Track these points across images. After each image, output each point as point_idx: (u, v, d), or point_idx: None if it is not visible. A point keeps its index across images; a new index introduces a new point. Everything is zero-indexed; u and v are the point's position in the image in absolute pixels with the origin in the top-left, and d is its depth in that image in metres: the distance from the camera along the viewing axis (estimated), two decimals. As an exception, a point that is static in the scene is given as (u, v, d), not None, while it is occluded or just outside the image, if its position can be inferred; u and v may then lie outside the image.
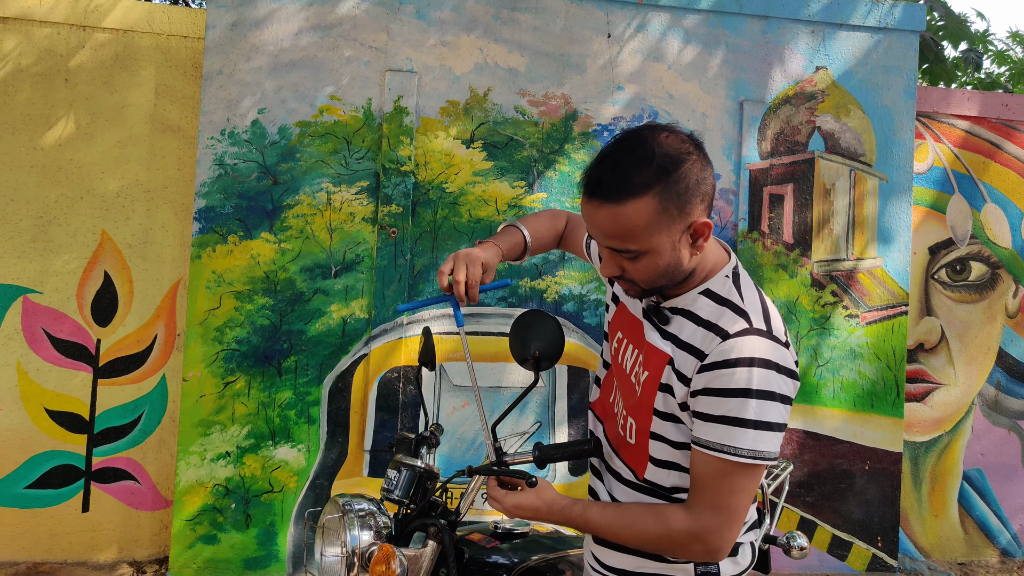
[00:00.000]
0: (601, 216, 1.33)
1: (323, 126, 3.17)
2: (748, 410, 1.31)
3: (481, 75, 3.27)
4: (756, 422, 1.31)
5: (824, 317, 3.52)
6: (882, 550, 3.52)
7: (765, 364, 1.33)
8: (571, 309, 3.33)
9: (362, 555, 1.71)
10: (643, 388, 1.47)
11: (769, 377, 1.32)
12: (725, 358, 1.34)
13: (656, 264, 1.36)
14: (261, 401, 3.12)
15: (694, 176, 1.33)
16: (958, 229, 3.89)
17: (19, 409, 3.15)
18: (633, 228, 1.32)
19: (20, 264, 3.16)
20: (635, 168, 1.30)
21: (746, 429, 1.31)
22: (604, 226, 1.34)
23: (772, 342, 1.36)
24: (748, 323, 1.37)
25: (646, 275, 1.38)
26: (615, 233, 1.34)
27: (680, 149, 1.33)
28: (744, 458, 1.32)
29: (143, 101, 3.24)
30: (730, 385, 1.32)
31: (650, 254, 1.35)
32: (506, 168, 3.29)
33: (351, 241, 3.19)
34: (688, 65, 3.42)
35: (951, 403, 3.87)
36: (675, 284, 1.42)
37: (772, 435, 1.33)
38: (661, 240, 1.34)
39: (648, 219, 1.31)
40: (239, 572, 3.10)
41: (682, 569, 1.46)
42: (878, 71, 3.58)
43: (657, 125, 1.38)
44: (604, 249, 1.39)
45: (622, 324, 1.61)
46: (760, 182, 3.48)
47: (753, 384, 1.31)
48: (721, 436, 1.33)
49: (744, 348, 1.34)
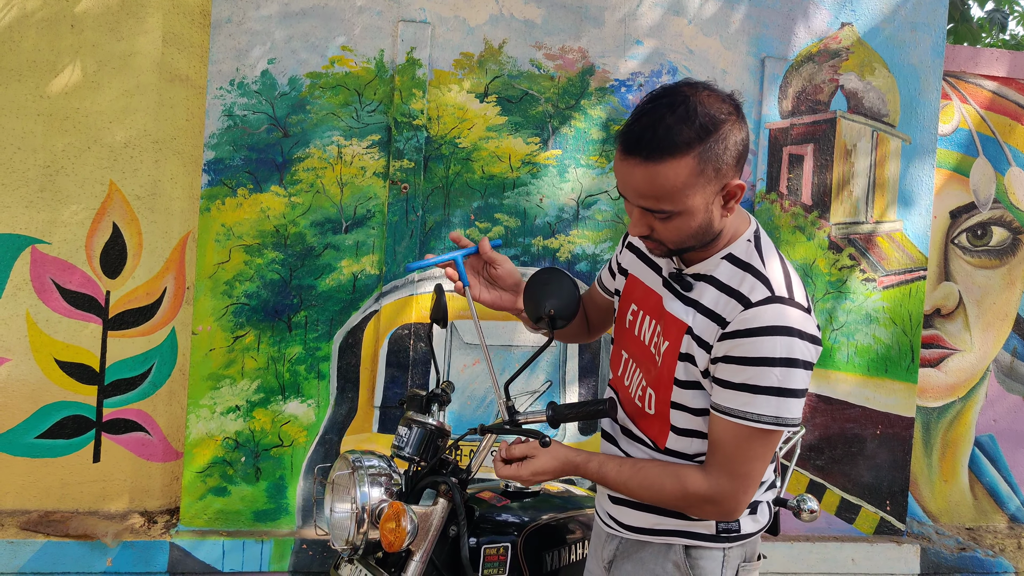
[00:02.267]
0: (638, 174, 1.30)
1: (334, 77, 3.10)
2: (771, 377, 1.29)
3: (496, 27, 3.19)
4: (779, 389, 1.30)
5: (841, 280, 3.47)
6: (890, 514, 3.52)
7: (788, 332, 1.30)
8: (584, 269, 3.29)
9: (372, 512, 1.70)
10: (663, 359, 1.45)
11: (792, 344, 1.30)
12: (748, 327, 1.32)
13: (688, 225, 1.33)
14: (271, 356, 3.11)
15: (733, 137, 1.30)
16: (981, 193, 3.81)
17: (29, 359, 3.16)
18: (671, 189, 1.28)
19: (28, 214, 3.13)
20: (677, 126, 1.26)
21: (769, 396, 1.30)
22: (640, 185, 1.30)
23: (795, 309, 1.33)
24: (770, 291, 1.34)
25: (676, 236, 1.35)
26: (651, 193, 1.30)
27: (721, 109, 1.30)
28: (767, 424, 1.31)
29: (150, 49, 3.18)
30: (752, 353, 1.30)
31: (683, 215, 1.32)
32: (520, 123, 3.23)
33: (362, 196, 3.14)
34: (709, 19, 3.32)
35: (966, 369, 3.83)
36: (703, 246, 1.39)
37: (795, 401, 1.32)
38: (696, 201, 1.30)
39: (686, 180, 1.28)
40: (249, 524, 3.12)
41: (704, 526, 1.46)
42: (906, 28, 3.47)
43: (697, 82, 1.33)
44: (635, 208, 1.35)
45: (634, 296, 1.58)
46: (780, 142, 3.41)
47: (777, 352, 1.29)
48: (743, 403, 1.31)
49: (766, 317, 1.31)
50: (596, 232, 3.29)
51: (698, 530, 1.47)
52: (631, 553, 1.52)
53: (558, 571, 1.92)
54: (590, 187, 3.29)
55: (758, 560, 1.55)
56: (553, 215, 3.26)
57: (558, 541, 1.93)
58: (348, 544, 1.73)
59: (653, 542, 1.50)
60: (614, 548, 1.56)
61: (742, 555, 1.50)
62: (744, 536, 1.48)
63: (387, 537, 1.64)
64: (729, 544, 1.48)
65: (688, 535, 1.47)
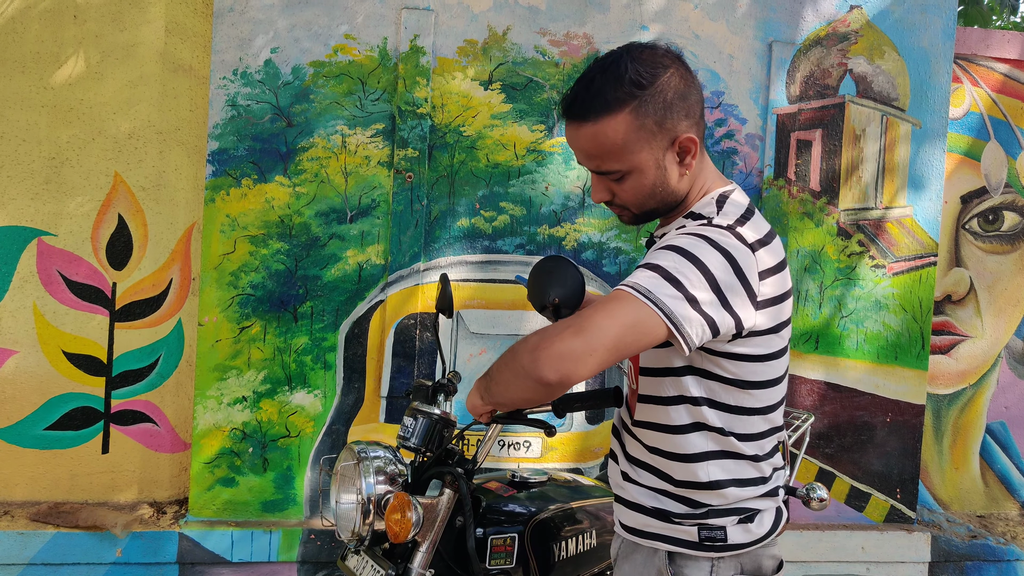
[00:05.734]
0: (581, 137, 1.32)
1: (337, 66, 3.08)
2: (665, 259, 1.24)
3: (500, 13, 3.16)
4: (666, 272, 1.22)
5: (850, 267, 3.44)
6: (901, 502, 3.50)
7: (702, 237, 1.27)
8: (590, 257, 3.27)
9: (377, 502, 1.69)
10: None
11: (699, 244, 1.26)
12: (676, 233, 1.33)
13: (642, 184, 1.34)
14: (277, 346, 3.10)
15: (672, 89, 1.30)
16: (992, 177, 3.77)
17: (36, 351, 3.16)
18: (612, 146, 1.30)
19: (34, 206, 3.13)
20: (608, 85, 1.28)
21: (653, 273, 1.22)
22: (585, 146, 1.33)
23: (722, 230, 1.30)
24: (707, 221, 1.34)
25: (634, 196, 1.36)
26: (595, 152, 1.32)
27: (655, 63, 1.30)
28: (635, 292, 1.21)
29: (153, 39, 3.16)
30: (662, 244, 1.29)
31: (634, 173, 1.33)
32: (525, 111, 3.20)
33: (367, 185, 3.13)
34: (715, 4, 3.28)
35: (977, 356, 3.80)
36: (668, 208, 1.40)
37: (674, 291, 1.21)
38: (643, 158, 1.31)
39: (626, 136, 1.29)
40: (257, 514, 3.13)
41: (685, 532, 1.41)
42: (915, 10, 3.42)
43: (637, 44, 1.35)
44: (592, 173, 1.38)
45: None
46: (787, 127, 3.37)
47: (681, 243, 1.26)
48: (629, 276, 1.27)
49: (698, 228, 1.31)
50: (602, 220, 3.27)
51: (679, 535, 1.41)
52: (628, 554, 1.50)
53: (565, 561, 1.91)
54: (596, 175, 3.26)
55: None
56: (559, 203, 3.24)
57: (566, 531, 1.92)
58: (354, 535, 1.72)
59: (642, 545, 1.46)
60: (617, 547, 1.56)
61: (736, 567, 1.40)
62: (734, 547, 1.39)
63: (392, 528, 1.63)
64: (717, 554, 1.39)
65: (671, 540, 1.41)
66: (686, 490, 1.41)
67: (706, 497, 1.40)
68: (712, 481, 1.38)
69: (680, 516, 1.41)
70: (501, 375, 1.33)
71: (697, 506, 1.40)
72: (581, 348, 1.17)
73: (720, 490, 1.39)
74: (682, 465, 1.40)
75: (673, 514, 1.41)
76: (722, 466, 1.39)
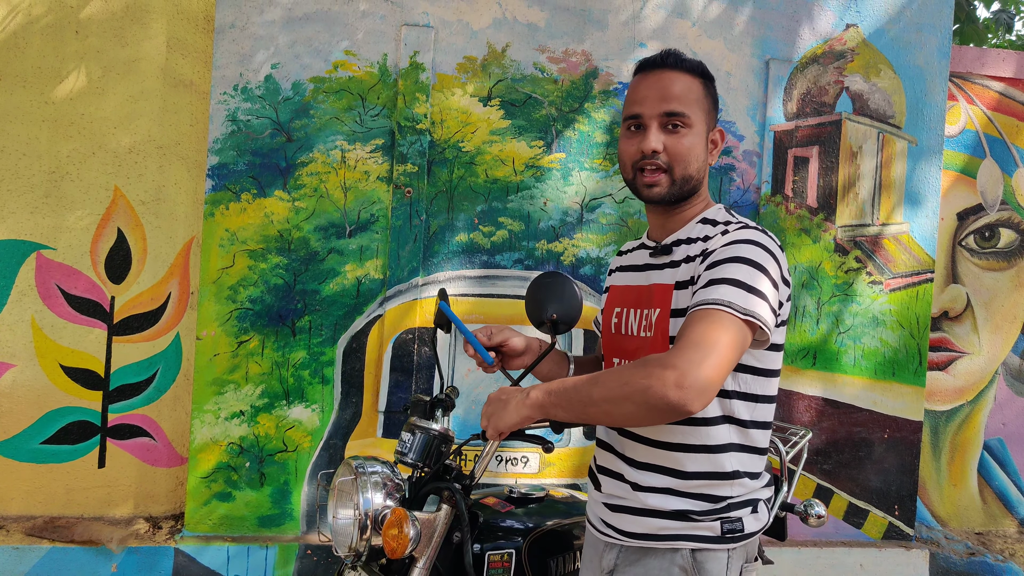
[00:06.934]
0: (665, 78, 1.50)
1: (337, 82, 3.10)
2: (740, 272, 1.37)
3: (499, 30, 3.18)
4: (747, 285, 1.36)
5: (847, 283, 3.45)
6: (899, 519, 3.49)
7: (759, 245, 1.42)
8: (588, 272, 3.28)
9: (375, 518, 1.69)
10: (656, 328, 1.51)
11: (761, 255, 1.41)
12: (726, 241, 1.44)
13: (693, 143, 1.50)
14: (275, 361, 3.10)
15: (716, 93, 1.58)
16: (988, 194, 3.79)
17: (34, 365, 3.16)
18: (690, 95, 1.50)
19: (33, 220, 3.13)
20: (695, 61, 1.54)
21: (736, 288, 1.36)
22: (666, 87, 1.49)
23: (767, 236, 1.46)
24: (744, 224, 1.50)
25: (683, 152, 1.50)
26: (675, 95, 1.49)
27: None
28: (734, 311, 1.34)
29: (155, 54, 3.18)
30: (725, 256, 1.41)
31: (693, 129, 1.50)
32: (524, 127, 3.22)
33: (366, 200, 3.14)
34: (713, 22, 3.31)
35: (974, 372, 3.80)
36: (689, 191, 1.53)
37: (760, 301, 1.37)
38: (701, 123, 1.51)
39: (699, 96, 1.52)
40: (254, 529, 3.11)
41: (709, 527, 1.47)
42: (911, 29, 3.45)
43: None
44: (652, 121, 1.50)
45: (616, 301, 1.67)
46: (785, 144, 3.39)
47: (746, 254, 1.40)
48: (712, 294, 1.36)
49: (742, 233, 1.45)
50: (600, 235, 3.28)
51: (704, 532, 1.47)
52: (635, 560, 1.51)
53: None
54: (594, 190, 3.28)
55: (756, 561, 1.56)
56: (557, 219, 3.25)
57: (563, 547, 1.92)
58: (351, 551, 1.72)
59: (658, 547, 1.49)
60: (615, 557, 1.54)
61: (744, 555, 1.51)
62: (748, 535, 1.49)
63: (390, 544, 1.63)
64: (733, 544, 1.48)
65: (694, 538, 1.47)
66: (702, 483, 1.46)
67: (726, 489, 1.47)
68: (734, 471, 1.47)
69: (701, 514, 1.47)
70: (616, 407, 1.32)
71: (717, 500, 1.47)
72: (718, 377, 1.29)
73: (739, 480, 1.48)
74: (705, 456, 1.46)
75: (694, 512, 1.47)
76: (739, 458, 1.48)
